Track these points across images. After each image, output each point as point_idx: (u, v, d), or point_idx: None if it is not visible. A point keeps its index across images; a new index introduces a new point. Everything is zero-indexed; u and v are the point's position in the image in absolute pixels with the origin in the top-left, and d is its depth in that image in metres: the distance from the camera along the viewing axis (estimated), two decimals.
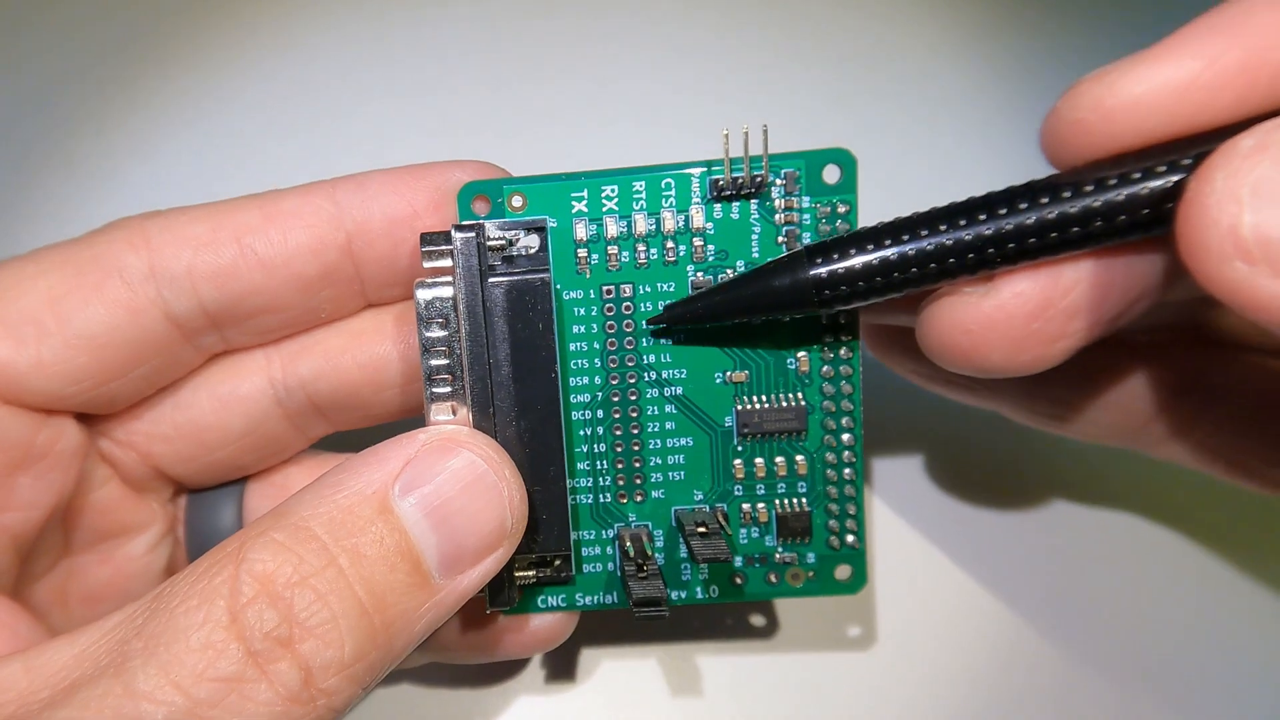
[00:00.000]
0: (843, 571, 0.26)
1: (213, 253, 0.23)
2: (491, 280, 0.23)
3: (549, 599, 0.26)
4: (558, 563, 0.25)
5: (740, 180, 0.24)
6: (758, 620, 0.31)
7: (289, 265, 0.23)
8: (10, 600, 0.23)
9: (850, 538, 0.26)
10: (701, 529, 0.24)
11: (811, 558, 0.26)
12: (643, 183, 0.24)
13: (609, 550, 0.25)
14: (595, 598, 0.26)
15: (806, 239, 0.24)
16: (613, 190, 0.24)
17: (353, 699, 0.19)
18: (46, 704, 0.17)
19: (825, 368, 0.25)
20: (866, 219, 0.25)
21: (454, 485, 0.21)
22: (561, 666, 0.31)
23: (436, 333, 0.22)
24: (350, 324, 0.26)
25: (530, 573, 0.24)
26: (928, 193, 0.32)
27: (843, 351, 0.25)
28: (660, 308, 0.24)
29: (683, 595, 0.26)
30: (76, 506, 0.25)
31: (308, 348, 0.25)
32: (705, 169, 0.24)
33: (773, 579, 0.26)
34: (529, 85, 0.33)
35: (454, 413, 0.23)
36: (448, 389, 0.23)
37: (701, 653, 0.30)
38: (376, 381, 0.25)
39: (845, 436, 0.25)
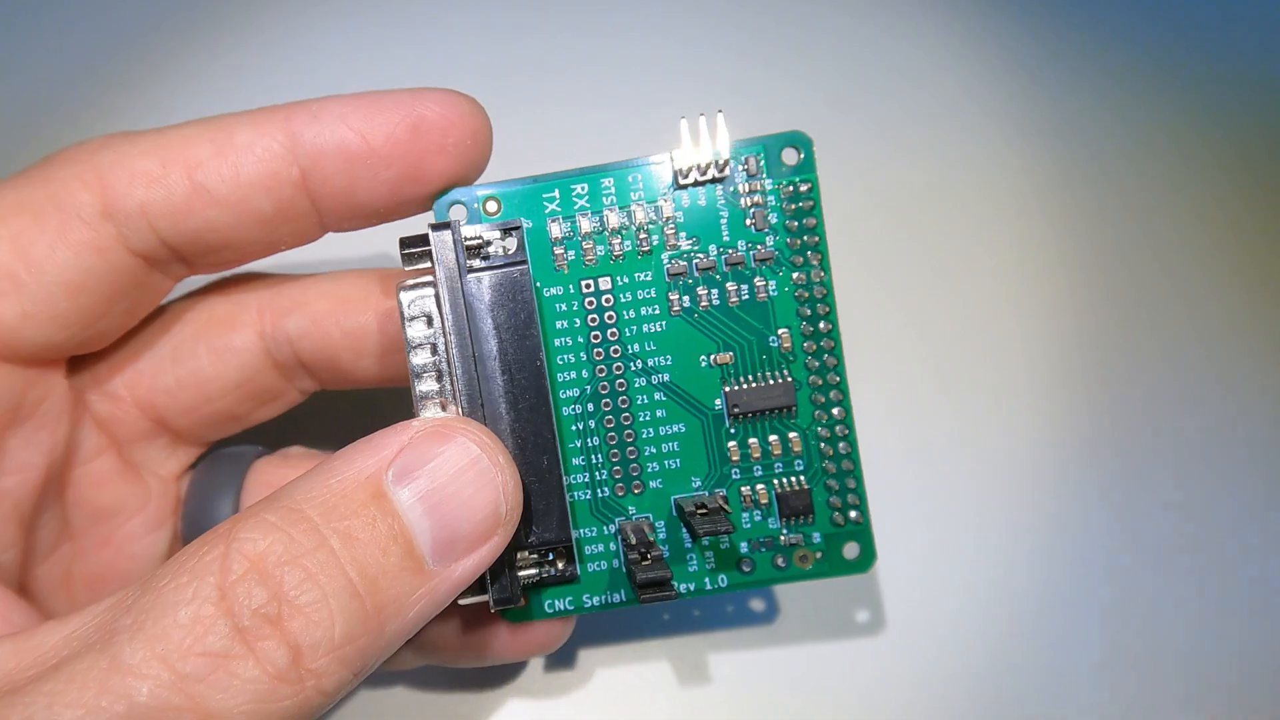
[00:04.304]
0: (850, 549, 0.26)
1: (164, 189, 0.23)
2: (471, 275, 0.23)
3: (555, 602, 0.25)
4: (561, 563, 0.25)
5: (703, 168, 0.25)
6: (758, 605, 0.30)
7: (244, 202, 0.23)
8: (3, 587, 0.22)
9: (853, 513, 0.26)
10: (702, 510, 0.24)
11: (817, 537, 0.26)
12: (611, 179, 0.25)
13: (612, 546, 0.25)
14: (602, 597, 0.25)
15: (773, 219, 0.25)
16: (583, 189, 0.25)
17: (343, 683, 0.18)
18: (32, 680, 0.17)
19: (807, 342, 0.25)
20: (829, 196, 0.26)
21: (447, 471, 0.21)
22: (560, 668, 0.30)
23: (420, 330, 0.23)
24: (338, 287, 0.26)
25: (532, 570, 0.24)
26: (888, 169, 0.33)
27: (822, 325, 0.25)
28: (639, 297, 0.25)
29: (690, 587, 0.25)
30: (71, 480, 0.25)
31: (297, 304, 0.26)
32: (669, 160, 0.25)
33: (780, 563, 0.26)
34: (498, 77, 0.34)
35: (443, 409, 0.23)
36: (435, 386, 0.23)
37: (705, 646, 0.29)
38: (356, 349, 0.26)
39: (835, 410, 0.26)
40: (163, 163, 0.23)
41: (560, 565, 0.25)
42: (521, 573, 0.24)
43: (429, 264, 0.23)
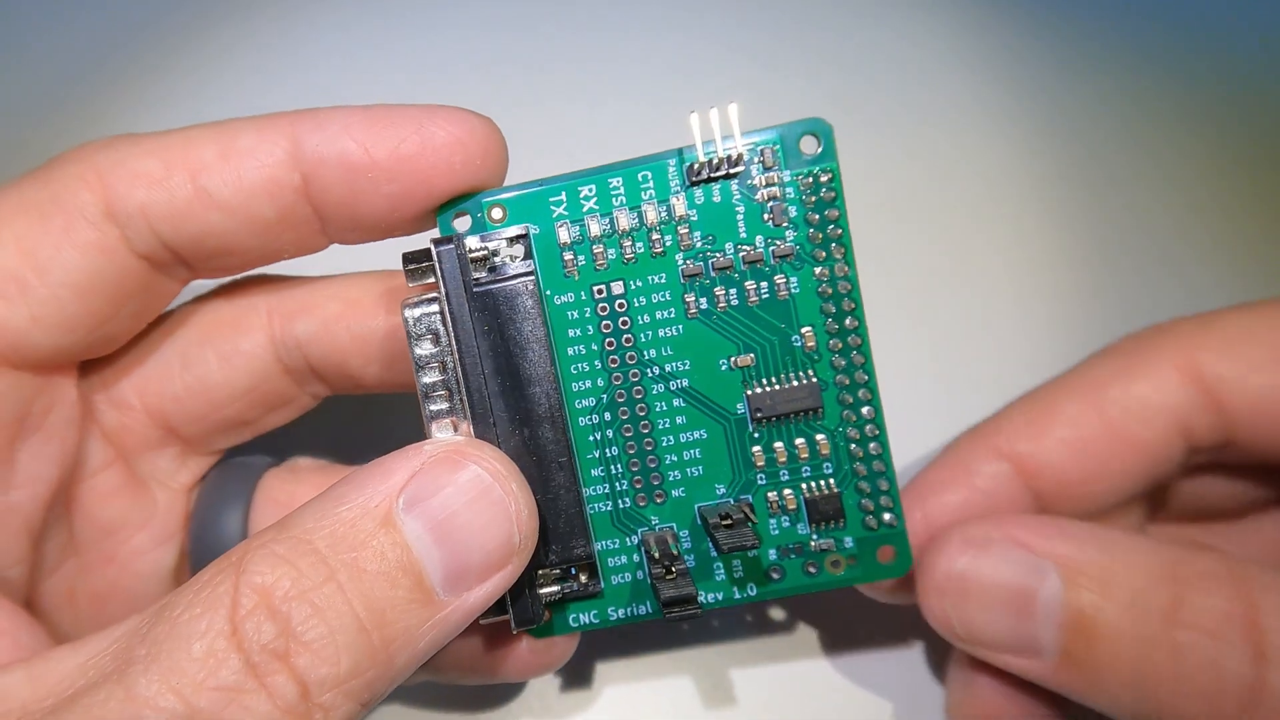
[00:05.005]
0: (885, 553, 0.25)
1: (166, 191, 0.22)
2: (477, 290, 0.23)
3: (580, 616, 0.25)
4: (584, 577, 0.24)
5: (715, 163, 0.24)
6: (778, 615, 0.29)
7: (246, 207, 0.23)
8: (14, 606, 0.22)
9: (887, 515, 0.25)
10: (726, 521, 0.23)
11: (849, 542, 0.25)
12: (619, 179, 0.24)
13: (636, 558, 0.25)
14: (628, 610, 0.25)
15: (793, 213, 0.24)
16: (590, 190, 0.24)
17: (352, 715, 0.18)
18: (49, 712, 0.17)
19: (833, 340, 0.24)
20: (851, 185, 0.24)
21: (459, 499, 0.20)
22: (572, 686, 0.29)
23: (427, 349, 0.22)
24: (348, 290, 0.26)
25: (555, 588, 0.24)
26: (897, 160, 0.32)
27: (848, 322, 0.24)
28: (654, 300, 0.24)
29: (718, 597, 0.25)
30: (77, 493, 0.25)
31: (306, 308, 0.26)
32: (678, 157, 0.24)
33: (811, 569, 0.25)
34: (499, 76, 0.34)
35: (454, 428, 0.22)
36: (445, 405, 0.22)
37: (726, 660, 0.28)
38: (366, 354, 0.25)
39: (865, 410, 0.24)
40: (165, 165, 0.23)
41: (583, 579, 0.24)
42: (543, 590, 0.23)
43: (433, 279, 0.22)
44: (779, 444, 0.24)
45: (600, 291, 0.24)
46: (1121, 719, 0.22)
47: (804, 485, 0.24)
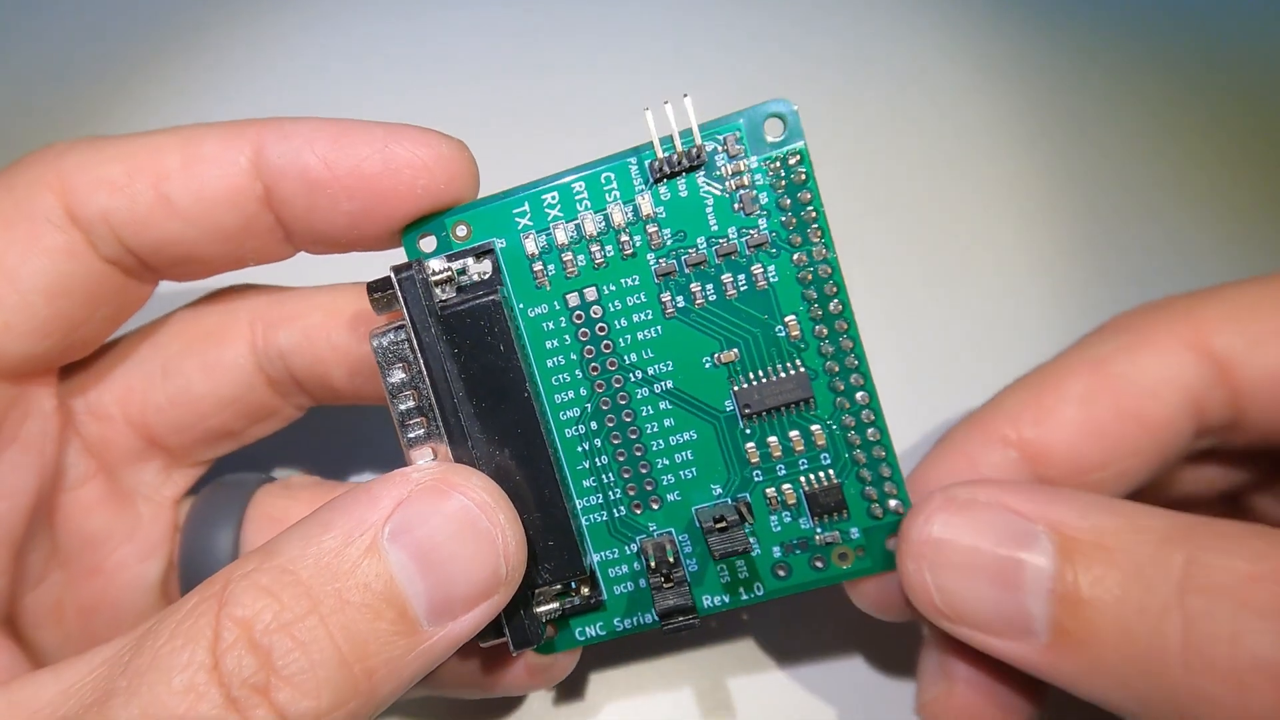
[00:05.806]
0: (894, 543, 0.24)
1: (128, 198, 0.22)
2: (444, 312, 0.22)
3: (586, 630, 0.24)
4: (585, 590, 0.24)
5: (675, 157, 0.23)
6: (780, 617, 0.28)
7: (208, 216, 0.23)
8: None
9: (893, 502, 0.24)
10: (720, 524, 0.23)
11: (855, 533, 0.24)
12: (582, 183, 0.23)
13: (636, 566, 0.24)
14: (634, 619, 0.24)
15: (764, 199, 0.23)
16: (554, 197, 0.23)
17: None
18: None
19: (818, 327, 0.23)
20: (828, 167, 0.23)
21: (445, 530, 0.20)
22: (570, 698, 0.29)
23: (399, 376, 0.22)
24: (333, 300, 0.26)
25: (554, 604, 0.23)
26: (893, 135, 0.31)
27: (832, 306, 0.23)
28: (629, 303, 0.24)
29: (724, 600, 0.24)
30: (59, 505, 0.25)
31: (288, 317, 0.25)
32: (638, 155, 0.23)
33: (818, 564, 0.24)
34: (463, 86, 0.33)
35: (434, 454, 0.22)
36: (423, 430, 0.22)
37: (728, 666, 0.28)
38: (346, 365, 0.25)
39: (859, 395, 0.23)
40: (129, 171, 0.22)
41: (585, 592, 0.24)
42: (543, 608, 0.23)
43: (398, 308, 0.22)
44: (773, 438, 0.24)
45: (574, 299, 0.24)
46: (1127, 712, 0.20)
47: (802, 479, 0.24)
